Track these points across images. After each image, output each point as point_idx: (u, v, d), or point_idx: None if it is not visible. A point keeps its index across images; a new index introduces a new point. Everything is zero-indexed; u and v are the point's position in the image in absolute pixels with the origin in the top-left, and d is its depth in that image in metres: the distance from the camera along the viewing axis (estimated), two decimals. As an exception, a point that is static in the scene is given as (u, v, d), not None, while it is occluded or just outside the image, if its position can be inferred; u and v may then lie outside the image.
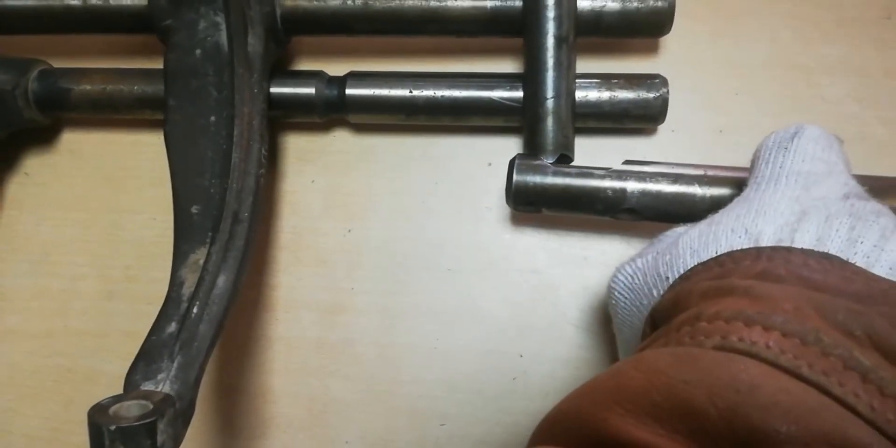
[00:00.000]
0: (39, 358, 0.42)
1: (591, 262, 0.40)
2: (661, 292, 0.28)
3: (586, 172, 0.36)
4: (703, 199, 0.35)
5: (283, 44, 0.41)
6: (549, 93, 0.38)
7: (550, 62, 0.37)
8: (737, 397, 0.18)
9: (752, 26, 0.43)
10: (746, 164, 0.41)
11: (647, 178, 0.36)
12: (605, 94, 0.39)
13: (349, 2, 0.39)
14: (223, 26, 0.36)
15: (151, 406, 0.26)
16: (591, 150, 0.42)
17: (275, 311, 0.42)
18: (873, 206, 0.27)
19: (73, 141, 0.45)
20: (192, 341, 0.30)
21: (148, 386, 0.28)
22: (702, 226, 0.29)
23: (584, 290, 0.40)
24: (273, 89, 0.40)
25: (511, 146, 0.42)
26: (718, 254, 0.26)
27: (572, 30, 0.38)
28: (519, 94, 0.39)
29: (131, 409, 0.26)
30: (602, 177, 0.36)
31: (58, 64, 0.43)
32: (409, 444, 0.39)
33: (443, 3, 0.39)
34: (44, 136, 0.45)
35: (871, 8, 0.43)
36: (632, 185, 0.36)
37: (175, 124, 0.36)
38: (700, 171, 0.36)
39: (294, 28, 0.40)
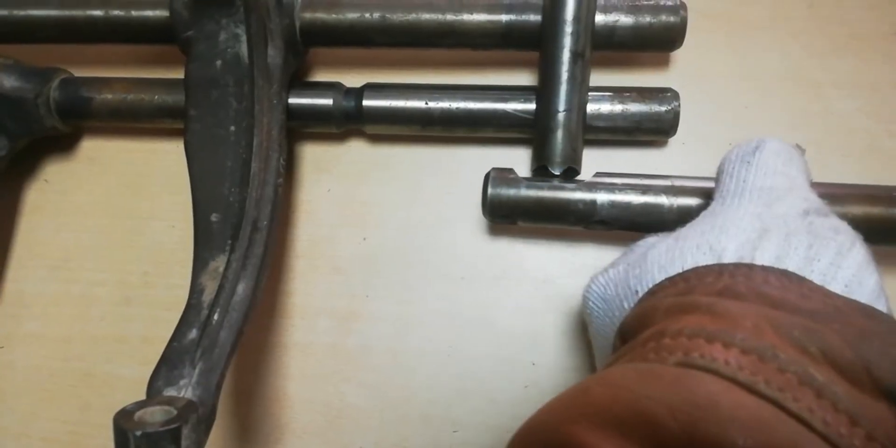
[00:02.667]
0: (58, 362, 0.43)
1: (603, 272, 0.41)
2: (631, 305, 0.29)
3: (558, 185, 0.38)
4: (670, 209, 0.36)
5: (302, 55, 0.42)
6: (562, 106, 0.38)
7: (565, 76, 0.38)
8: (696, 412, 0.19)
9: (762, 41, 0.44)
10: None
11: (616, 190, 0.37)
12: (617, 107, 0.40)
13: (367, 15, 0.40)
14: (243, 38, 0.37)
15: (175, 412, 0.26)
16: (603, 162, 0.42)
17: (291, 317, 0.42)
18: (832, 222, 0.28)
19: (92, 148, 0.46)
20: (212, 348, 0.30)
21: (170, 392, 0.29)
22: (669, 240, 0.29)
23: (596, 300, 0.40)
24: (291, 100, 0.41)
25: (524, 157, 0.43)
26: (684, 269, 0.27)
27: (588, 45, 0.38)
28: (532, 106, 0.40)
29: (155, 415, 0.26)
30: (573, 189, 0.37)
31: (80, 73, 0.44)
32: (422, 450, 0.40)
33: (459, 17, 0.40)
34: (64, 144, 0.46)
35: (880, 23, 0.44)
36: (602, 197, 0.37)
37: (195, 134, 0.37)
38: (667, 182, 0.37)
39: (312, 40, 0.41)
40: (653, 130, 0.40)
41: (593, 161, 0.41)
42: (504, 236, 0.42)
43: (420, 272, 0.42)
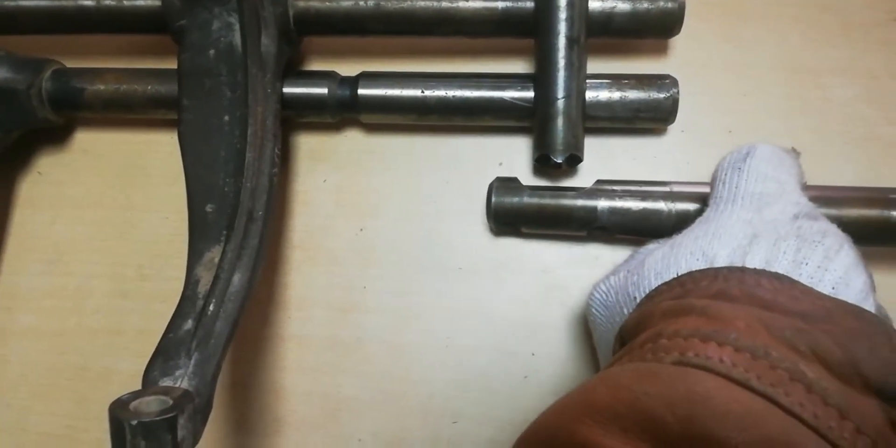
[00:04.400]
0: (53, 356, 0.43)
1: (602, 261, 0.41)
2: (631, 310, 0.30)
3: (559, 193, 0.39)
4: (669, 214, 0.37)
5: (296, 44, 0.42)
6: (560, 93, 0.38)
7: (562, 63, 0.38)
8: (693, 407, 0.20)
9: (760, 28, 0.44)
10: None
11: (616, 197, 0.38)
12: (615, 95, 0.39)
13: (361, 2, 0.40)
14: (237, 27, 0.37)
15: (171, 401, 0.26)
16: (602, 150, 0.42)
17: (287, 309, 0.42)
18: (820, 225, 0.28)
19: (86, 140, 0.46)
20: (208, 338, 0.30)
21: (166, 382, 0.29)
22: (665, 248, 0.30)
23: (595, 289, 0.40)
24: (286, 89, 0.41)
25: (522, 146, 0.43)
26: (679, 274, 0.28)
27: (583, 31, 0.38)
28: (530, 94, 0.40)
29: (151, 405, 0.26)
30: (574, 196, 0.38)
31: (71, 64, 0.44)
32: (421, 442, 0.39)
33: (454, 4, 0.39)
34: (57, 136, 0.46)
35: (877, 10, 0.44)
36: (602, 204, 0.38)
37: (189, 124, 0.37)
38: (666, 189, 0.38)
39: (306, 28, 0.41)
40: (652, 118, 0.40)
41: (591, 149, 0.40)
42: (502, 226, 0.42)
43: (418, 263, 0.42)
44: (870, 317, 0.24)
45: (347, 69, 0.42)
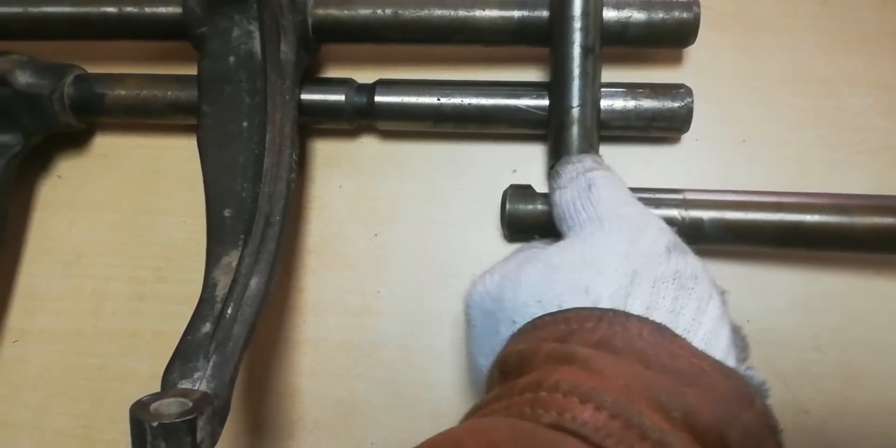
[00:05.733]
0: (71, 357, 0.43)
1: (615, 268, 0.41)
2: (509, 331, 0.30)
3: None
4: (682, 222, 0.37)
5: (314, 51, 0.42)
6: (575, 102, 0.38)
7: (576, 72, 0.38)
8: None
9: (774, 38, 0.44)
10: (769, 175, 0.41)
11: None
12: (630, 103, 0.40)
13: (379, 11, 0.40)
14: (256, 34, 0.37)
15: (191, 404, 0.26)
16: (616, 159, 0.42)
17: (303, 313, 0.42)
18: (691, 266, 0.29)
19: (105, 144, 0.46)
20: (226, 341, 0.31)
21: (185, 384, 0.29)
22: (539, 267, 0.31)
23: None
24: (303, 96, 0.41)
25: (536, 153, 0.43)
26: (563, 308, 0.28)
27: (598, 40, 0.38)
28: (545, 102, 0.40)
29: (171, 407, 0.26)
30: None
31: (93, 69, 0.44)
32: (433, 446, 0.40)
33: (471, 13, 0.40)
34: (77, 140, 0.46)
35: (890, 22, 0.44)
36: None
37: (208, 130, 0.37)
38: (679, 196, 0.38)
39: (325, 36, 0.41)
40: (666, 127, 0.40)
41: (605, 157, 0.41)
42: (515, 233, 0.42)
43: (431, 268, 0.42)
44: (737, 378, 0.25)
45: (364, 77, 0.43)
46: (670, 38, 0.40)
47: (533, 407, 0.23)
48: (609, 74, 0.40)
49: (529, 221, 0.39)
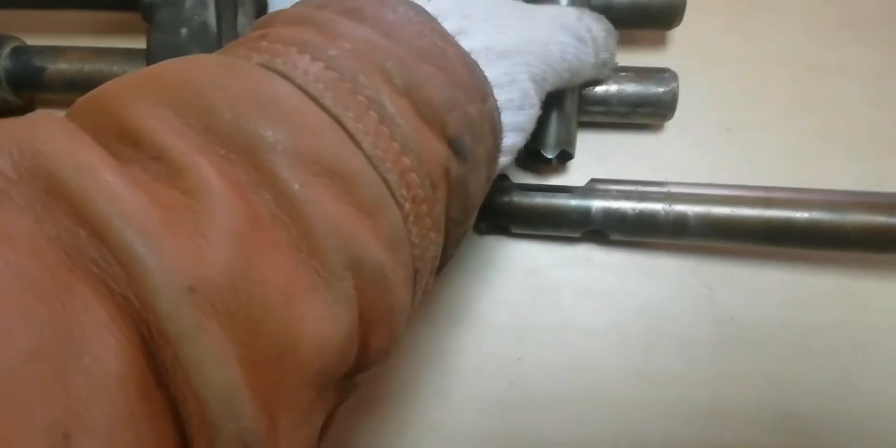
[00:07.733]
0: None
1: (595, 263, 0.39)
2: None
3: (551, 193, 0.37)
4: (666, 217, 0.35)
5: (275, 25, 0.39)
6: (554, 85, 0.36)
7: (558, 52, 0.36)
8: (253, 107, 0.19)
9: (764, 22, 0.42)
10: (755, 165, 0.40)
11: (611, 198, 0.36)
12: (612, 88, 0.38)
13: (346, -18, 0.37)
14: (211, 4, 0.35)
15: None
16: (596, 146, 0.40)
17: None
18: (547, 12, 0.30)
19: (46, 123, 0.43)
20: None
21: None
22: None
23: (586, 292, 0.38)
24: (263, 73, 0.38)
25: (512, 140, 0.41)
26: None
27: (582, 19, 0.36)
28: (523, 84, 0.38)
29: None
30: (567, 197, 0.36)
31: (32, 41, 0.41)
32: (399, 450, 0.38)
33: (445, -13, 0.37)
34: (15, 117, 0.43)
35: (885, 8, 0.42)
36: (596, 205, 0.36)
37: (157, 108, 0.34)
38: (663, 189, 0.36)
39: (287, 8, 0.38)
40: (650, 113, 0.38)
41: (586, 145, 0.39)
42: (489, 224, 0.40)
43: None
44: (479, 74, 0.24)
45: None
46: (655, 19, 0.38)
47: (248, 52, 0.22)
48: (591, 56, 0.38)
49: (504, 214, 0.37)
